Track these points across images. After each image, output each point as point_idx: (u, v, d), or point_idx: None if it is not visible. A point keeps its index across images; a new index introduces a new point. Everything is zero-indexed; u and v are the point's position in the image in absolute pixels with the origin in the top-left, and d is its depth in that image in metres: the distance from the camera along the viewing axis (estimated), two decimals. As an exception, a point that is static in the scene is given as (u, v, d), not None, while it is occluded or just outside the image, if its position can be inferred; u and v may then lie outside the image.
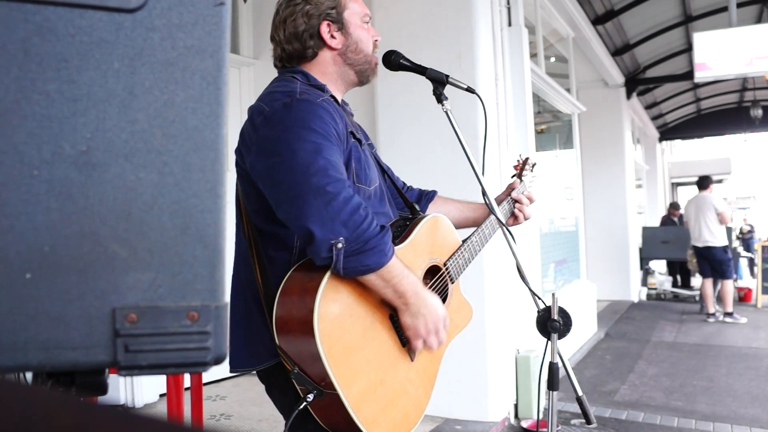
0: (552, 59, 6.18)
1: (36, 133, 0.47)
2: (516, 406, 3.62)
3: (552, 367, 1.52)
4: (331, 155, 1.20)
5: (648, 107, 11.17)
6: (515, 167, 1.90)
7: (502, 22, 3.78)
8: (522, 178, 1.86)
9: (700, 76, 6.24)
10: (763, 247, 8.06)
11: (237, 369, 1.35)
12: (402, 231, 1.41)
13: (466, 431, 3.25)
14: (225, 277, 0.53)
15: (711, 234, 7.07)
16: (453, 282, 1.51)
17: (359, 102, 3.53)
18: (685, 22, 7.26)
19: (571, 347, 5.19)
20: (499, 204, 1.73)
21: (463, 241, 1.57)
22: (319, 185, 1.14)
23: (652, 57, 8.42)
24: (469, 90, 1.56)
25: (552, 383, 1.54)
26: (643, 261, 9.15)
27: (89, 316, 0.48)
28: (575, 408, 3.16)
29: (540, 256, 4.44)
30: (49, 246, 0.47)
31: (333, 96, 1.40)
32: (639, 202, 10.94)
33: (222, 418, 3.37)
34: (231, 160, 1.15)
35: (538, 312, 1.51)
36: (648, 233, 9.35)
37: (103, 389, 0.56)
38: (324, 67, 1.41)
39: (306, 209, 1.14)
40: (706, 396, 4.18)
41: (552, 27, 5.87)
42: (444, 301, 1.49)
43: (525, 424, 3.53)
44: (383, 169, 1.57)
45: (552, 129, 6.60)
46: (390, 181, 1.61)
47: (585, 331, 5.75)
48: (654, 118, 12.16)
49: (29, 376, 0.63)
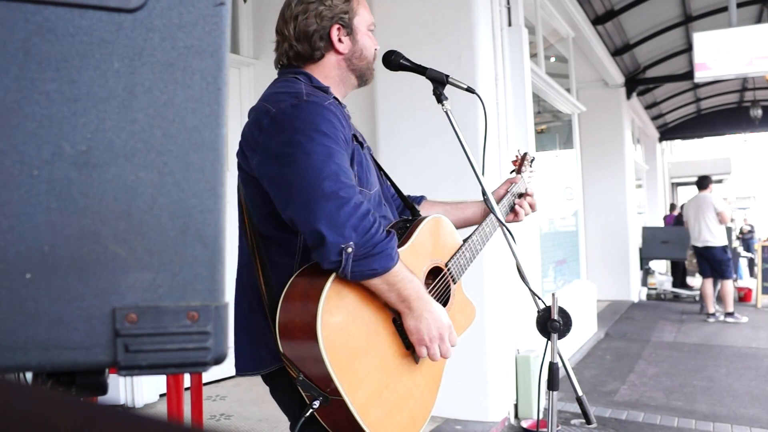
0: (552, 59, 6.18)
1: (36, 133, 0.47)
2: (516, 406, 3.62)
3: (552, 367, 1.52)
4: (342, 160, 1.21)
5: (648, 107, 11.17)
6: (514, 162, 1.89)
7: (502, 22, 3.78)
8: (521, 173, 1.85)
9: (700, 76, 6.24)
10: (763, 247, 8.06)
11: (242, 372, 1.34)
12: (403, 233, 1.41)
13: (466, 431, 3.25)
14: (225, 277, 0.53)
15: (710, 234, 7.07)
16: (455, 282, 1.51)
17: (359, 102, 3.54)
18: (685, 22, 7.26)
19: (571, 347, 5.19)
20: (499, 200, 1.72)
21: (464, 241, 1.56)
22: (332, 190, 1.14)
23: (652, 57, 8.42)
24: (469, 90, 1.56)
25: (552, 383, 1.54)
26: (643, 261, 9.15)
27: (89, 316, 0.48)
28: (575, 408, 3.16)
29: (540, 256, 4.44)
30: (49, 246, 0.47)
31: (336, 98, 1.40)
32: (639, 202, 10.94)
33: (222, 418, 3.37)
34: (231, 160, 1.14)
35: (538, 312, 1.51)
36: (648, 233, 9.35)
37: (103, 389, 0.56)
38: (328, 70, 1.41)
39: (318, 213, 1.14)
40: (706, 396, 4.18)
41: (552, 27, 5.87)
42: (447, 302, 1.49)
43: (525, 424, 3.53)
44: (382, 171, 1.57)
45: (552, 129, 6.60)
46: (389, 182, 1.61)
47: (585, 331, 5.75)
48: (654, 118, 12.16)
49: (29, 376, 0.63)
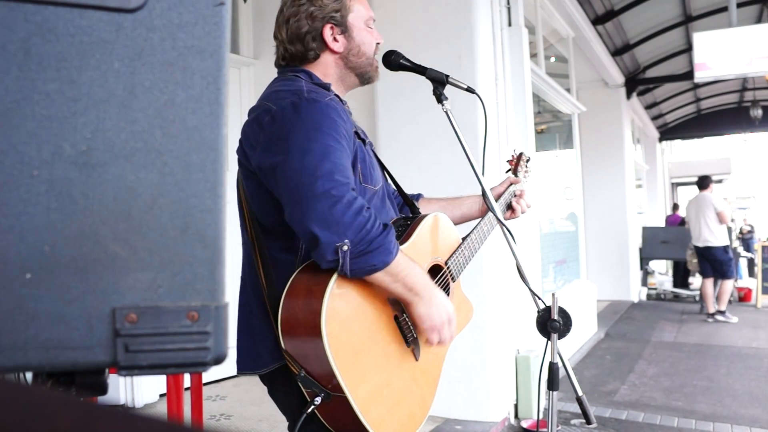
0: (552, 59, 6.18)
1: (36, 133, 0.47)
2: (516, 406, 3.62)
3: (552, 367, 1.52)
4: (339, 158, 1.20)
5: (648, 107, 11.17)
6: (510, 162, 1.89)
7: (502, 22, 3.78)
8: (517, 173, 1.86)
9: (700, 76, 6.25)
10: (763, 247, 8.06)
11: (244, 372, 1.34)
12: (404, 231, 1.41)
13: (466, 431, 3.25)
14: (225, 277, 0.53)
15: (711, 234, 7.06)
16: (454, 280, 1.51)
17: (359, 102, 3.53)
18: (685, 22, 7.26)
19: (571, 347, 5.19)
20: (498, 198, 1.73)
21: (463, 240, 1.57)
22: (324, 189, 1.14)
23: (652, 57, 8.42)
24: (469, 90, 1.56)
25: (552, 383, 1.54)
26: (643, 261, 9.15)
27: (89, 316, 0.48)
28: (575, 408, 3.16)
29: (540, 256, 4.44)
30: (49, 246, 0.47)
31: (337, 95, 1.40)
32: (639, 202, 10.93)
33: (222, 418, 3.37)
34: (231, 160, 1.14)
35: (538, 312, 1.51)
36: (648, 233, 9.35)
37: (103, 389, 0.56)
38: (326, 69, 1.41)
39: (310, 213, 1.13)
40: (706, 396, 4.18)
41: (552, 27, 5.87)
42: None
43: (525, 424, 3.53)
44: (384, 169, 1.57)
45: (552, 129, 6.60)
46: (391, 180, 1.61)
47: (585, 331, 5.75)
48: (654, 118, 12.15)
49: (29, 376, 0.63)
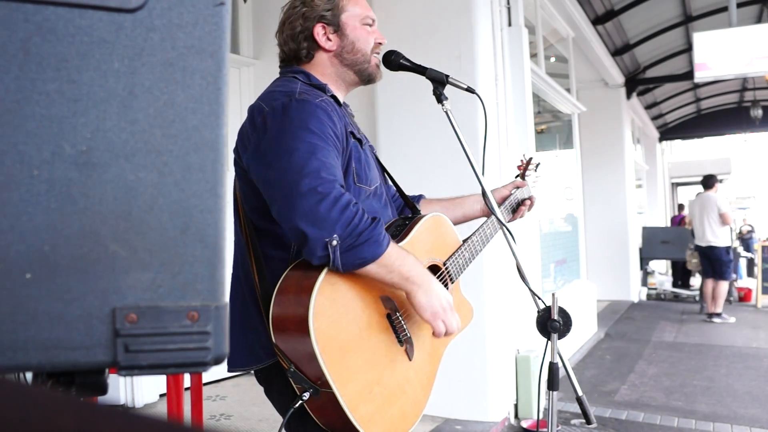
0: (552, 59, 6.18)
1: (36, 133, 0.47)
2: (516, 406, 3.62)
3: (552, 367, 1.52)
4: (326, 156, 1.21)
5: (648, 107, 11.17)
6: (519, 167, 1.89)
7: (502, 22, 3.78)
8: (525, 178, 1.85)
9: (700, 76, 6.24)
10: (763, 247, 8.05)
11: (235, 369, 1.34)
12: (401, 230, 1.41)
13: (466, 431, 3.25)
14: (225, 277, 0.53)
15: (714, 234, 7.04)
16: (453, 282, 1.51)
17: (359, 102, 3.53)
18: (685, 22, 7.26)
19: (571, 347, 5.19)
20: (502, 201, 1.72)
21: (464, 241, 1.56)
22: (310, 187, 1.15)
23: (652, 57, 8.42)
24: (469, 90, 1.56)
25: (552, 383, 1.54)
26: (643, 261, 9.15)
27: (89, 316, 0.48)
28: (575, 408, 3.16)
29: (540, 256, 4.44)
30: (49, 246, 0.47)
31: (334, 96, 1.41)
32: (639, 202, 10.94)
33: (222, 418, 3.37)
34: (231, 160, 1.15)
35: (538, 312, 1.51)
36: (648, 233, 9.35)
37: (103, 389, 0.56)
38: (323, 68, 1.43)
39: (297, 211, 1.15)
40: (706, 396, 4.17)
41: (552, 27, 5.87)
42: None
43: (525, 424, 3.53)
44: (384, 170, 1.57)
45: (552, 129, 6.60)
46: (391, 182, 1.61)
47: (585, 331, 5.75)
48: (654, 118, 12.15)
49: (29, 376, 0.63)
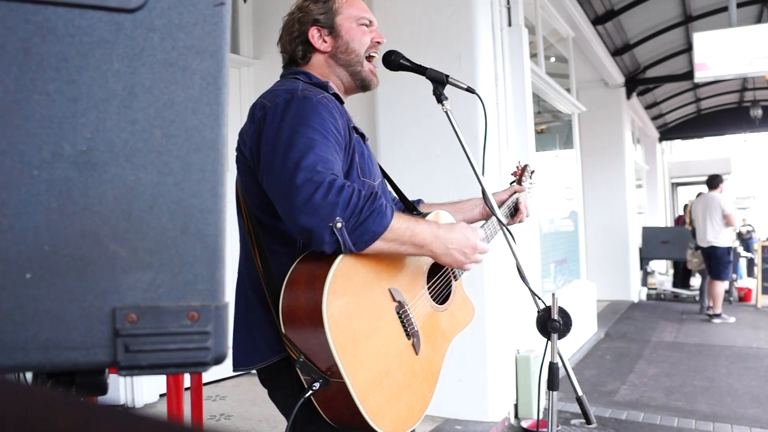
0: (552, 59, 6.18)
1: (36, 133, 0.47)
2: (516, 406, 3.62)
3: (552, 367, 1.52)
4: (324, 152, 1.22)
5: (648, 107, 11.17)
6: (514, 174, 1.90)
7: (502, 22, 3.78)
8: (521, 184, 1.87)
9: (700, 76, 6.24)
10: (763, 247, 8.05)
11: (240, 368, 1.34)
12: None
13: (466, 431, 3.25)
14: (225, 277, 0.53)
15: (716, 234, 7.03)
16: (456, 279, 1.52)
17: (359, 102, 3.53)
18: (685, 22, 7.26)
19: (571, 347, 5.19)
20: (501, 205, 1.73)
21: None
22: (304, 179, 1.16)
23: (652, 57, 8.42)
24: (469, 90, 1.56)
25: (552, 383, 1.54)
26: (643, 261, 9.15)
27: (89, 316, 0.48)
28: (575, 408, 3.16)
29: (540, 256, 4.44)
30: (49, 246, 0.47)
31: (336, 94, 1.42)
32: (639, 202, 10.94)
33: (222, 418, 3.37)
34: (231, 160, 1.15)
35: (538, 312, 1.51)
36: (648, 233, 9.35)
37: (103, 389, 0.56)
38: (320, 69, 1.45)
39: (295, 205, 1.16)
40: (706, 396, 4.18)
41: (552, 27, 5.87)
42: (447, 299, 1.51)
43: (525, 424, 3.53)
44: (385, 175, 1.58)
45: (552, 129, 6.60)
46: (391, 186, 1.61)
47: (585, 331, 5.75)
48: (654, 118, 12.15)
49: (29, 376, 0.63)
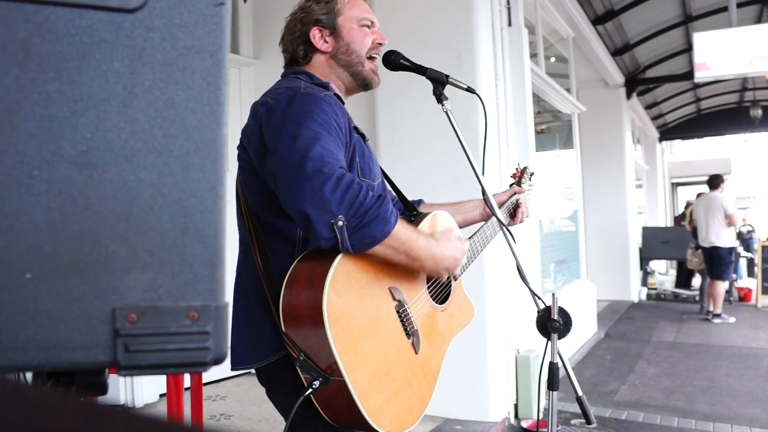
0: (552, 59, 6.18)
1: (36, 133, 0.47)
2: (516, 406, 3.62)
3: (552, 367, 1.52)
4: (329, 144, 1.22)
5: (648, 107, 11.17)
6: (513, 176, 1.91)
7: (502, 22, 3.78)
8: (521, 185, 1.87)
9: (700, 76, 6.24)
10: (763, 247, 8.05)
11: (239, 366, 1.34)
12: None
13: (466, 431, 3.25)
14: (225, 277, 0.53)
15: (718, 235, 7.02)
16: (455, 279, 1.52)
17: (359, 102, 3.54)
18: (685, 22, 7.26)
19: (571, 347, 5.19)
20: (501, 206, 1.74)
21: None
22: (314, 169, 1.16)
23: (652, 57, 8.42)
24: (469, 90, 1.56)
25: (552, 383, 1.54)
26: (643, 261, 9.15)
27: (89, 316, 0.48)
28: (575, 408, 3.16)
29: (540, 256, 4.44)
30: (49, 246, 0.47)
31: (337, 94, 1.43)
32: (639, 202, 10.94)
33: (222, 418, 3.37)
34: (231, 160, 1.15)
35: (538, 312, 1.51)
36: (648, 233, 9.34)
37: (103, 389, 0.56)
38: (321, 70, 1.46)
39: (300, 193, 1.15)
40: (706, 396, 4.17)
41: (552, 27, 5.87)
42: (447, 298, 1.51)
43: (525, 424, 3.53)
44: (385, 175, 1.58)
45: (552, 129, 6.60)
46: (391, 186, 1.62)
47: (585, 331, 5.75)
48: (654, 118, 12.15)
49: (29, 376, 0.63)
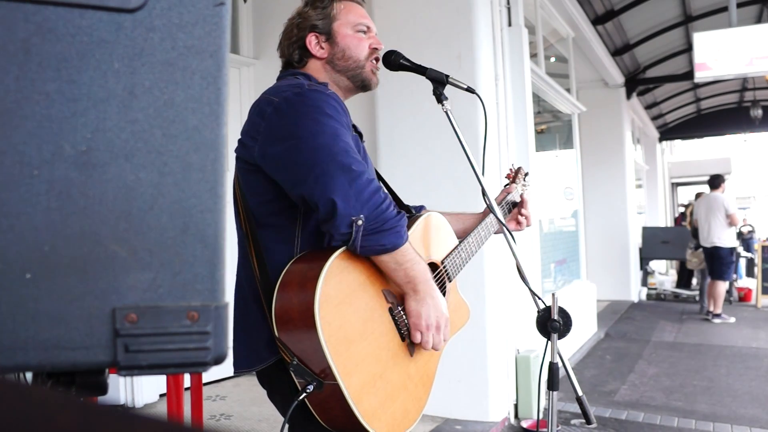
0: (552, 59, 6.17)
1: (36, 133, 0.47)
2: (516, 406, 3.62)
3: (552, 367, 1.52)
4: (348, 139, 1.24)
5: (648, 107, 11.17)
6: (508, 176, 1.91)
7: (502, 22, 3.78)
8: (515, 184, 1.88)
9: (700, 76, 6.24)
10: (763, 247, 8.05)
11: (240, 370, 1.34)
12: None
13: (466, 431, 3.25)
14: (225, 277, 0.53)
15: (719, 235, 7.02)
16: (450, 281, 1.52)
17: (359, 102, 3.53)
18: (685, 22, 7.26)
19: (571, 347, 5.19)
20: (497, 204, 1.74)
21: (460, 242, 1.57)
22: (345, 163, 1.17)
23: (652, 57, 8.42)
24: (469, 90, 1.56)
25: (552, 383, 1.54)
26: (643, 261, 9.15)
27: (89, 316, 0.48)
28: (575, 408, 3.16)
29: (540, 256, 4.44)
30: (49, 246, 0.47)
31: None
32: (639, 202, 10.94)
33: (222, 418, 3.37)
34: (231, 160, 1.15)
35: (538, 312, 1.51)
36: (648, 233, 9.34)
37: (103, 389, 0.56)
38: (317, 74, 1.46)
39: (332, 184, 1.16)
40: (706, 396, 4.18)
41: (552, 27, 5.87)
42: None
43: (525, 424, 3.53)
44: (379, 177, 1.59)
45: (552, 129, 6.60)
46: (385, 187, 1.62)
47: (585, 331, 5.75)
48: (654, 118, 12.15)
49: (29, 376, 0.63)
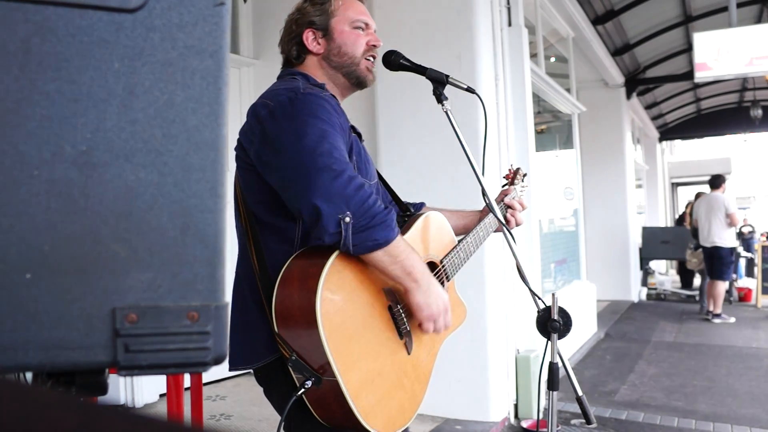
0: (552, 59, 6.17)
1: (36, 133, 0.47)
2: (516, 406, 3.62)
3: (552, 367, 1.52)
4: (336, 141, 1.24)
5: (648, 107, 11.17)
6: (506, 176, 1.92)
7: (502, 22, 3.78)
8: (513, 185, 1.88)
9: (700, 76, 6.24)
10: (763, 247, 8.05)
11: (237, 368, 1.34)
12: (400, 226, 1.41)
13: (466, 431, 3.25)
14: (225, 277, 0.53)
15: (720, 235, 7.02)
16: (448, 280, 1.52)
17: (359, 102, 3.54)
18: (685, 22, 7.26)
19: (571, 347, 5.19)
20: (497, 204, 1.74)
21: (459, 241, 1.58)
22: (325, 164, 1.17)
23: (652, 57, 8.42)
24: (469, 90, 1.56)
25: (552, 383, 1.54)
26: (643, 261, 9.15)
27: (89, 316, 0.48)
28: (575, 408, 3.16)
29: (540, 256, 4.44)
30: (49, 246, 0.47)
31: (333, 96, 1.42)
32: (639, 202, 10.94)
33: (222, 418, 3.37)
34: (231, 160, 1.15)
35: (538, 312, 1.52)
36: (648, 233, 9.34)
37: (103, 389, 0.56)
38: (315, 71, 1.46)
39: (312, 186, 1.16)
40: (706, 396, 4.17)
41: (552, 27, 5.87)
42: None
43: (525, 424, 3.53)
44: (381, 178, 1.59)
45: (552, 129, 6.60)
46: (384, 187, 1.62)
47: (585, 331, 5.75)
48: (654, 118, 12.15)
49: (29, 376, 0.63)
